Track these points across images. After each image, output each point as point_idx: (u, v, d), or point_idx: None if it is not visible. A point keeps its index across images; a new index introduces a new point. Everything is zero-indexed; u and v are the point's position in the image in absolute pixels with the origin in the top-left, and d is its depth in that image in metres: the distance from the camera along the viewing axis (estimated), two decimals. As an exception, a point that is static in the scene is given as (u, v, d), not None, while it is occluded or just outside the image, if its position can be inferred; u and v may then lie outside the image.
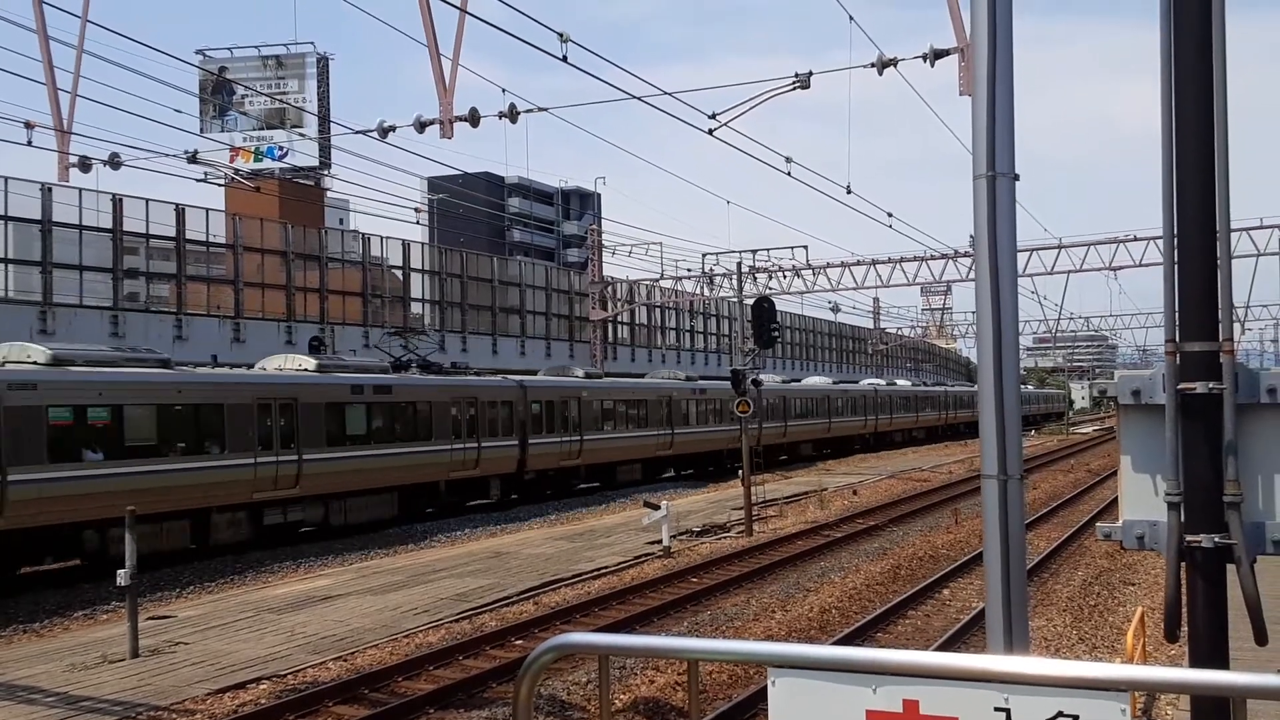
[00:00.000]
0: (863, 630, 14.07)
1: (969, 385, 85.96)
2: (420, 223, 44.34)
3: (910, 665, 2.67)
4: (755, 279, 46.27)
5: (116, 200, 33.38)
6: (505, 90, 20.12)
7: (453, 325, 45.94)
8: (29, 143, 19.22)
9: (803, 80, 18.76)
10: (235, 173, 46.21)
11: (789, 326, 70.70)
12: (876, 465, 44.85)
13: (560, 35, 16.06)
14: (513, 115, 19.83)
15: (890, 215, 34.67)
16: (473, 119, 19.40)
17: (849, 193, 27.56)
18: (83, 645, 13.36)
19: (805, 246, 47.20)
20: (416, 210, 38.69)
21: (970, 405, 75.98)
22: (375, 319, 42.43)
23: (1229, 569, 3.56)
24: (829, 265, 47.54)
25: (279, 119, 61.66)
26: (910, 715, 2.65)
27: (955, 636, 13.60)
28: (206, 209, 37.44)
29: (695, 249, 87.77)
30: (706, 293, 52.83)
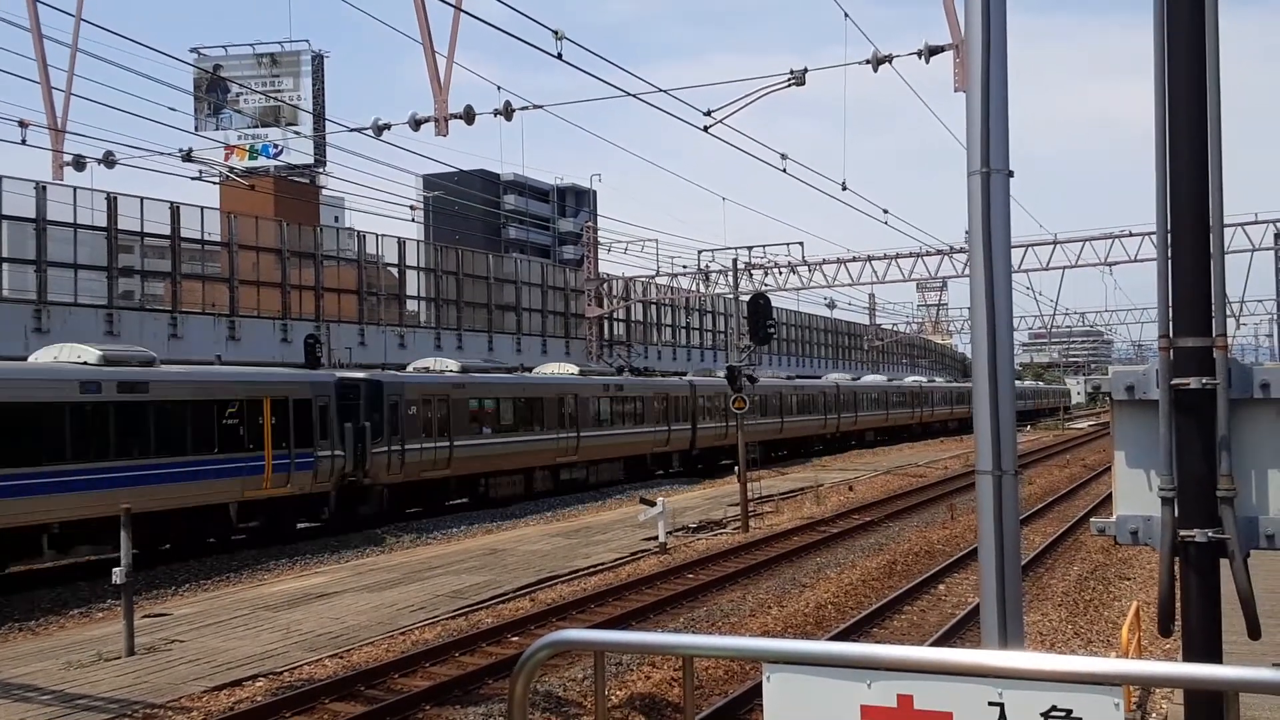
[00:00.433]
0: (858, 626, 14.09)
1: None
2: (416, 220, 44.42)
3: (905, 660, 2.68)
4: (751, 275, 46.29)
5: (111, 199, 33.34)
6: (501, 88, 20.20)
7: (448, 323, 45.93)
8: (23, 141, 19.15)
9: (798, 77, 18.75)
10: (230, 171, 46.17)
11: (785, 323, 70.76)
12: (872, 461, 44.88)
13: (555, 33, 16.05)
14: (508, 113, 19.80)
15: (886, 212, 34.63)
16: (468, 117, 19.36)
17: (844, 189, 27.55)
18: (78, 643, 13.34)
19: (801, 243, 47.25)
20: (412, 208, 38.62)
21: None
22: (371, 317, 42.42)
23: (1222, 563, 3.58)
24: (825, 261, 47.55)
25: (274, 117, 61.60)
26: (905, 710, 2.66)
27: (950, 632, 13.62)
28: (201, 207, 37.40)
29: (691, 245, 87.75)
30: (702, 289, 52.84)
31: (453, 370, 29.83)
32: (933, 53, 17.03)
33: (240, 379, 22.99)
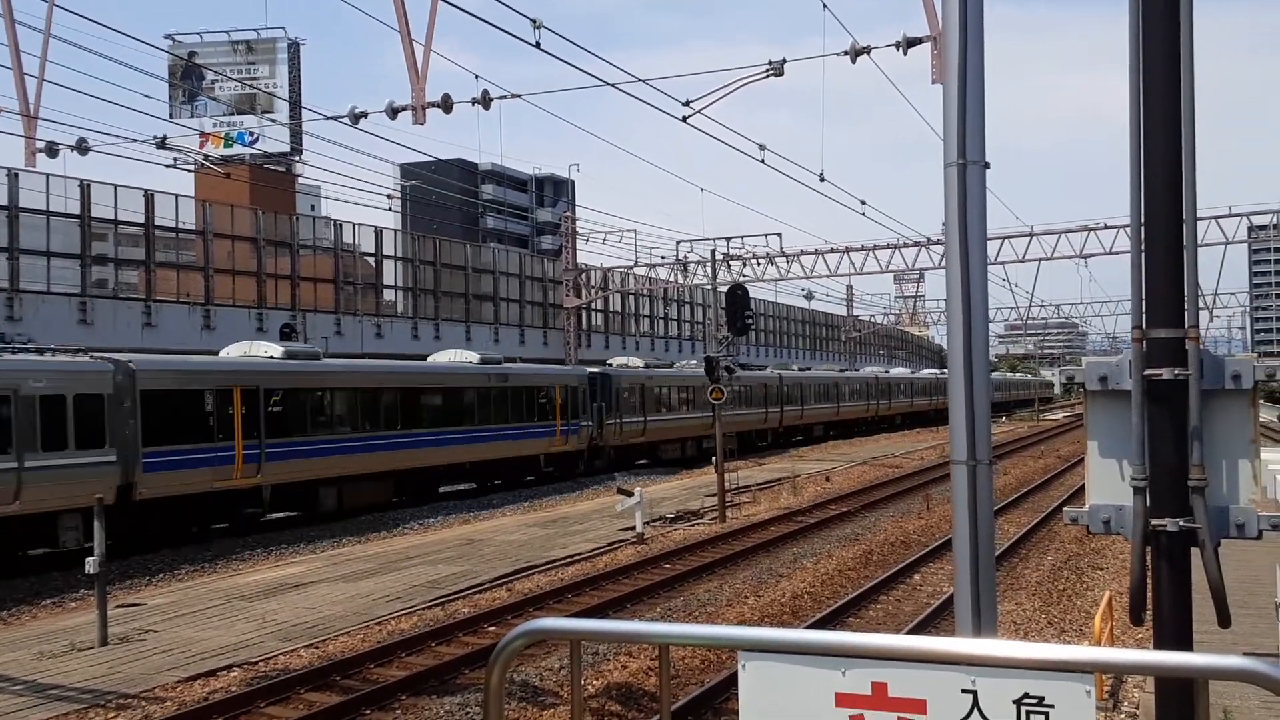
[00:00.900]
0: (834, 615, 14.16)
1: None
2: (393, 209, 44.12)
3: (879, 648, 2.70)
4: (729, 266, 46.29)
5: (84, 186, 32.99)
6: (479, 77, 20.08)
7: (426, 313, 45.76)
8: (-5, 127, 18.97)
9: (776, 68, 18.79)
10: (205, 158, 45.78)
11: (763, 314, 70.88)
12: (849, 452, 45.10)
13: (533, 21, 16.01)
14: (486, 102, 19.75)
15: (864, 203, 34.82)
16: (445, 105, 19.31)
17: (822, 180, 27.64)
18: (51, 633, 13.26)
19: (779, 234, 47.23)
20: (389, 197, 38.48)
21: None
22: (347, 306, 42.19)
23: (1193, 553, 3.62)
24: (803, 253, 47.59)
25: (249, 104, 61.11)
26: (879, 697, 2.67)
27: (925, 621, 13.72)
28: (176, 195, 37.02)
29: (669, 236, 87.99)
30: (681, 280, 52.83)
31: (640, 366, 41.16)
32: (911, 44, 17.11)
33: (548, 373, 35.80)
